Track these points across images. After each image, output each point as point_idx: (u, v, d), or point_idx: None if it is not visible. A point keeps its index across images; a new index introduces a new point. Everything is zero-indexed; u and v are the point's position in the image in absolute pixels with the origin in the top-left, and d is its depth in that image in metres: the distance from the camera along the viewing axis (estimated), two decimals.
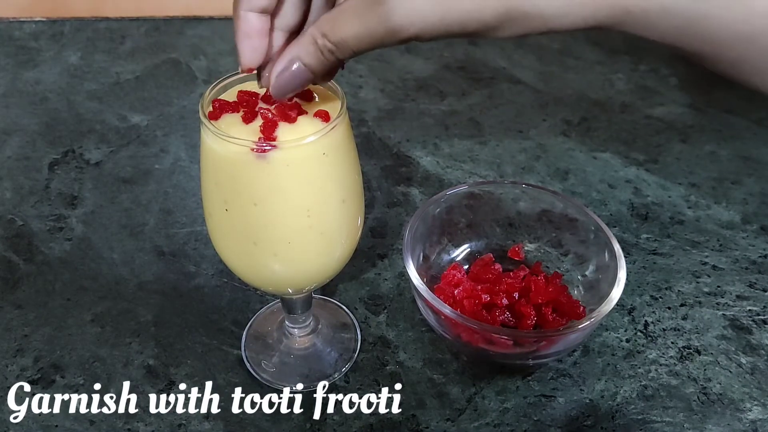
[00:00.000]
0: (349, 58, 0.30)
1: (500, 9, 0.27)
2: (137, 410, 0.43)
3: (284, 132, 0.33)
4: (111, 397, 0.43)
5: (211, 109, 0.35)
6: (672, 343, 0.47)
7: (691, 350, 0.47)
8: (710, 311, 0.49)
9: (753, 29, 0.28)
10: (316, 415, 0.43)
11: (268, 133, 0.33)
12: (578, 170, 0.62)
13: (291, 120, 0.34)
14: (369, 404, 0.43)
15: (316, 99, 0.36)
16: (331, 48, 0.29)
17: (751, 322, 0.49)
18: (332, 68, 0.31)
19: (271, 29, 0.33)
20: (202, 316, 0.49)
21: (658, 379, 0.45)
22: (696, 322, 0.49)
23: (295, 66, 0.31)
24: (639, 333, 0.48)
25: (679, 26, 0.28)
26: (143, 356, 0.46)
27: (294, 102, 0.35)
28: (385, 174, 0.62)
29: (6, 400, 0.43)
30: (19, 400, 0.43)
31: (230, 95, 0.36)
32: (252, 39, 0.32)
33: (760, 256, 0.54)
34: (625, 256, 0.44)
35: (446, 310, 0.41)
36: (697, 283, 0.52)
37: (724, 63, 0.30)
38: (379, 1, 0.27)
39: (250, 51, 0.32)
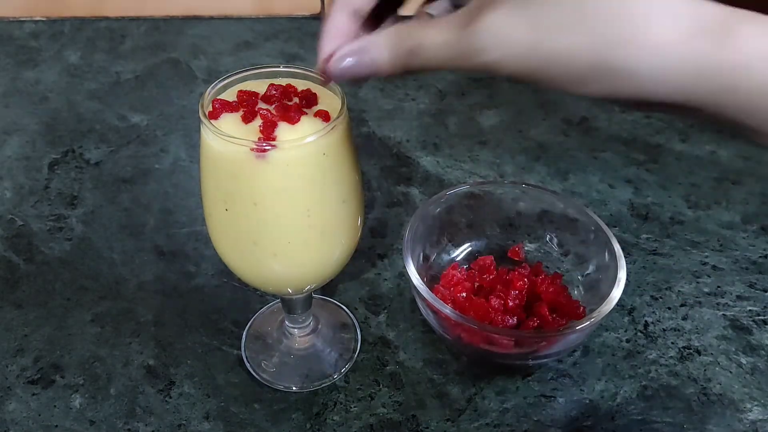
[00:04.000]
0: (418, 70, 0.29)
1: (591, 58, 0.24)
2: (137, 410, 0.43)
3: (284, 132, 0.33)
4: (111, 397, 0.43)
5: (211, 108, 0.35)
6: (672, 343, 0.47)
7: (691, 350, 0.47)
8: (710, 311, 0.49)
9: None
10: (316, 416, 0.43)
11: (268, 133, 0.33)
12: (578, 170, 0.62)
13: (291, 120, 0.34)
14: (369, 404, 0.43)
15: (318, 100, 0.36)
16: (407, 49, 0.28)
17: (751, 323, 0.49)
18: (399, 70, 0.29)
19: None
20: (202, 316, 0.49)
21: (658, 379, 0.45)
22: (696, 323, 0.49)
23: (365, 53, 0.29)
24: (639, 333, 0.48)
25: None
26: (143, 356, 0.46)
27: (294, 103, 0.35)
28: (385, 174, 0.62)
29: (6, 400, 0.43)
30: (19, 400, 0.43)
31: (230, 95, 0.36)
32: (336, 40, 0.31)
33: (760, 257, 0.54)
34: (625, 256, 0.44)
35: (446, 310, 0.41)
36: (697, 283, 0.52)
37: None
38: (473, 18, 0.26)
39: (331, 50, 0.31)
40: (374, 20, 0.33)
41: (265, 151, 0.32)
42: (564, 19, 0.24)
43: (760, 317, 0.49)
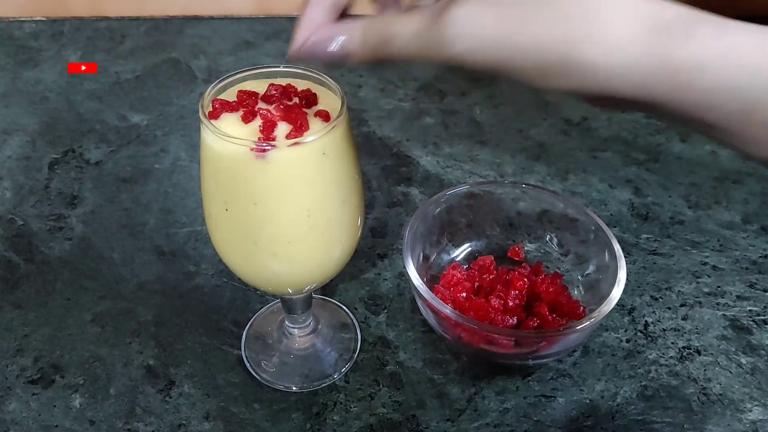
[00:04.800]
0: (389, 59, 0.29)
1: (554, 53, 0.25)
2: (137, 410, 0.43)
3: (284, 132, 0.33)
4: (111, 397, 0.43)
5: (211, 108, 0.35)
6: (672, 343, 0.47)
7: (691, 350, 0.47)
8: (710, 311, 0.49)
9: None
10: (316, 416, 0.43)
11: (268, 133, 0.33)
12: (578, 170, 0.62)
13: (291, 120, 0.34)
14: (369, 404, 0.43)
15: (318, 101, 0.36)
16: (379, 37, 0.29)
17: (751, 323, 0.49)
18: (370, 58, 0.30)
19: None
20: (202, 316, 0.49)
21: (658, 379, 0.45)
22: (696, 323, 0.49)
23: (335, 41, 0.30)
24: (639, 333, 0.48)
25: (741, 109, 0.25)
26: (143, 356, 0.46)
27: (294, 103, 0.35)
28: (385, 174, 0.62)
29: (6, 400, 0.43)
30: (19, 400, 0.43)
31: (230, 95, 0.36)
32: (311, 31, 0.31)
33: (760, 256, 0.54)
34: (625, 256, 0.44)
35: (446, 310, 0.41)
36: (698, 283, 0.52)
37: (750, 140, 0.27)
38: (443, 11, 0.27)
39: (305, 39, 0.31)
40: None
41: (265, 151, 0.32)
42: (529, 14, 0.25)
43: (760, 317, 0.49)
